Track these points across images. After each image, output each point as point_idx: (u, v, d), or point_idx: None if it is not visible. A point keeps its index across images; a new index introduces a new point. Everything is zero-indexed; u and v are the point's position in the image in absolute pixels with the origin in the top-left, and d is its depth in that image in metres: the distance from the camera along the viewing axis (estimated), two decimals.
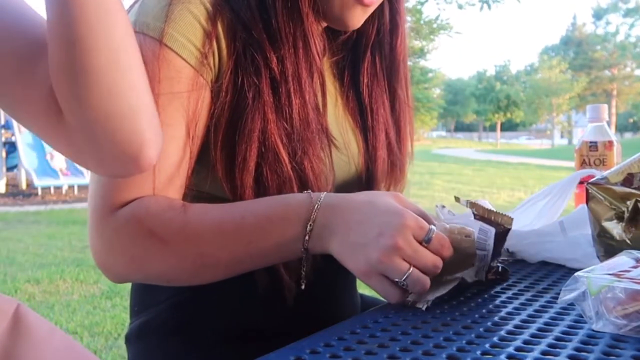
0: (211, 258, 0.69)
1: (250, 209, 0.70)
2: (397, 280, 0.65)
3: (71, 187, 11.41)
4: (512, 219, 0.72)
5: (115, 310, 3.57)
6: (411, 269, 0.64)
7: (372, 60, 0.90)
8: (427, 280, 0.65)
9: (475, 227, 0.69)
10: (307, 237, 0.67)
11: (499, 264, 0.78)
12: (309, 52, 0.77)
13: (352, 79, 0.91)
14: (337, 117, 0.87)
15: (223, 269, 0.71)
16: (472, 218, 0.71)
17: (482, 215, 0.72)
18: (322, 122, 0.80)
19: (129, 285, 0.91)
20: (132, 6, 0.76)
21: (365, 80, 0.90)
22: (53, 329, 0.58)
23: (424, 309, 0.66)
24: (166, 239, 0.68)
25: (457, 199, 0.76)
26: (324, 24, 0.84)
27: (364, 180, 0.89)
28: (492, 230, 0.70)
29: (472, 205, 0.72)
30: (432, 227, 0.66)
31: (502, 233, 0.72)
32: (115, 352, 2.86)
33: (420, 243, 0.65)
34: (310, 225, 0.67)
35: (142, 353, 0.85)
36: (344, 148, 0.85)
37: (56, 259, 5.11)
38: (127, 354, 0.88)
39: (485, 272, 0.73)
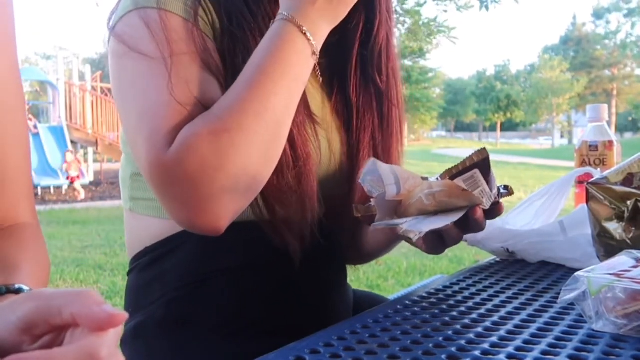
0: (260, 107, 0.69)
1: (254, 61, 0.72)
2: None
3: (71, 187, 11.41)
4: (484, 149, 0.70)
5: None
6: None
7: (360, 61, 0.90)
8: None
9: (461, 183, 0.68)
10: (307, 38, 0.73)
11: (499, 187, 0.75)
12: None
13: (340, 82, 0.91)
14: (324, 118, 0.88)
15: (278, 107, 0.70)
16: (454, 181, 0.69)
17: (459, 170, 0.70)
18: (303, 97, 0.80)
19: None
20: None
21: (354, 81, 0.90)
22: None
23: (414, 239, 0.65)
24: (219, 128, 0.68)
25: (424, 179, 0.73)
26: None
27: (345, 178, 0.89)
28: (476, 172, 0.68)
29: (444, 175, 0.71)
30: None
31: (483, 165, 0.70)
32: None
33: None
34: (303, 29, 0.72)
35: (139, 353, 0.85)
36: (328, 143, 0.86)
37: (56, 259, 5.11)
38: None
39: (493, 198, 0.71)
